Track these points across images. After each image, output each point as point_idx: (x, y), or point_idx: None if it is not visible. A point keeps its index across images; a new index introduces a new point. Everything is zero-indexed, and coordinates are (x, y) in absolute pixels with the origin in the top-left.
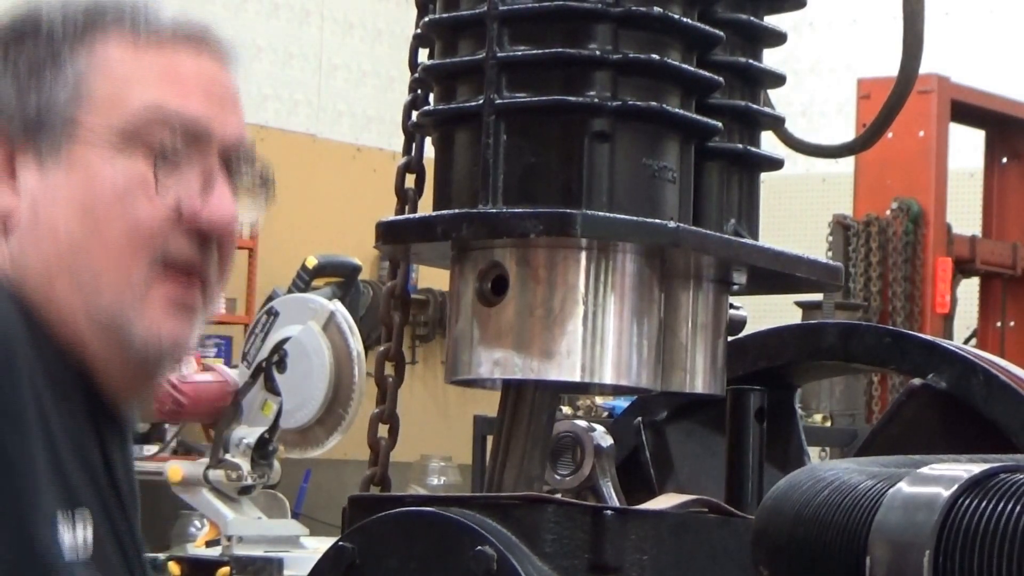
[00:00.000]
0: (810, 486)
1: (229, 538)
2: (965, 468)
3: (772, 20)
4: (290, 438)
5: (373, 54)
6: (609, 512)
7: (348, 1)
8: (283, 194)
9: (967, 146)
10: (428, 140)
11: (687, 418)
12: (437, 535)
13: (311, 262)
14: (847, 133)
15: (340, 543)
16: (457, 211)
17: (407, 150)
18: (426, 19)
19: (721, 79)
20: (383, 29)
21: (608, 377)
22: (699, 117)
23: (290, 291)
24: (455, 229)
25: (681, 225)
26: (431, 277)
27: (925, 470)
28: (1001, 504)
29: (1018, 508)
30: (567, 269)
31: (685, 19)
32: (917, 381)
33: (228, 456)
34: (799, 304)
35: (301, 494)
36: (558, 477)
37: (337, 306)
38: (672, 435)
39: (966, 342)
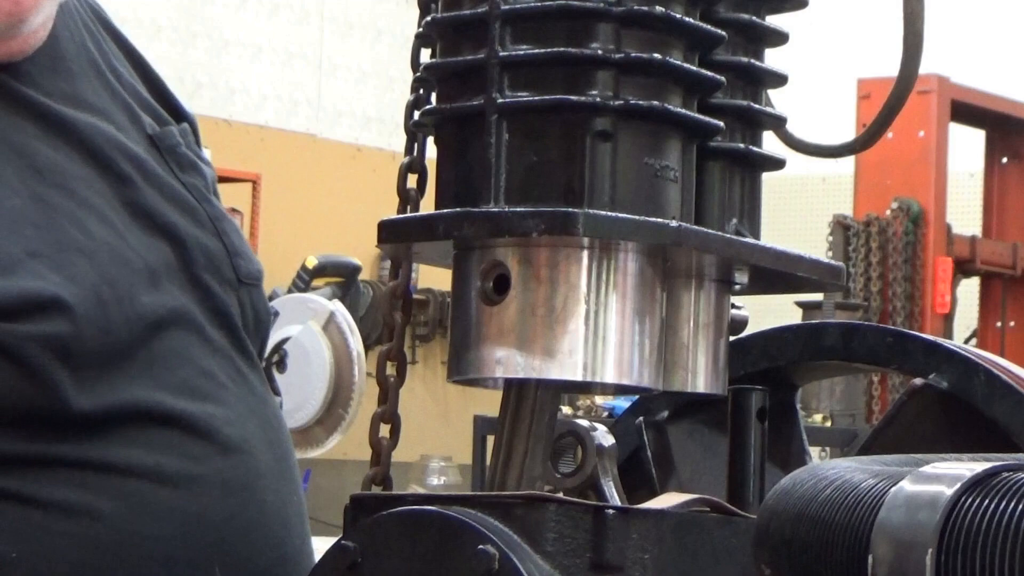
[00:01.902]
0: (812, 485)
1: None
2: (967, 467)
3: (773, 20)
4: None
5: (373, 54)
6: (611, 511)
7: (348, 1)
8: (283, 194)
9: (967, 146)
10: (430, 140)
11: (689, 418)
12: (439, 534)
13: (311, 262)
14: (847, 133)
15: (342, 542)
16: (459, 210)
17: (409, 150)
18: (428, 19)
19: (723, 79)
20: (383, 29)
21: (610, 376)
22: (701, 117)
23: (290, 291)
24: (457, 228)
25: (683, 224)
26: (432, 277)
27: (927, 469)
28: (1003, 503)
29: (1020, 507)
30: (569, 268)
31: (687, 19)
32: (919, 381)
33: None
34: (799, 304)
35: None
36: (560, 476)
37: (337, 306)
38: (674, 434)
39: (966, 342)
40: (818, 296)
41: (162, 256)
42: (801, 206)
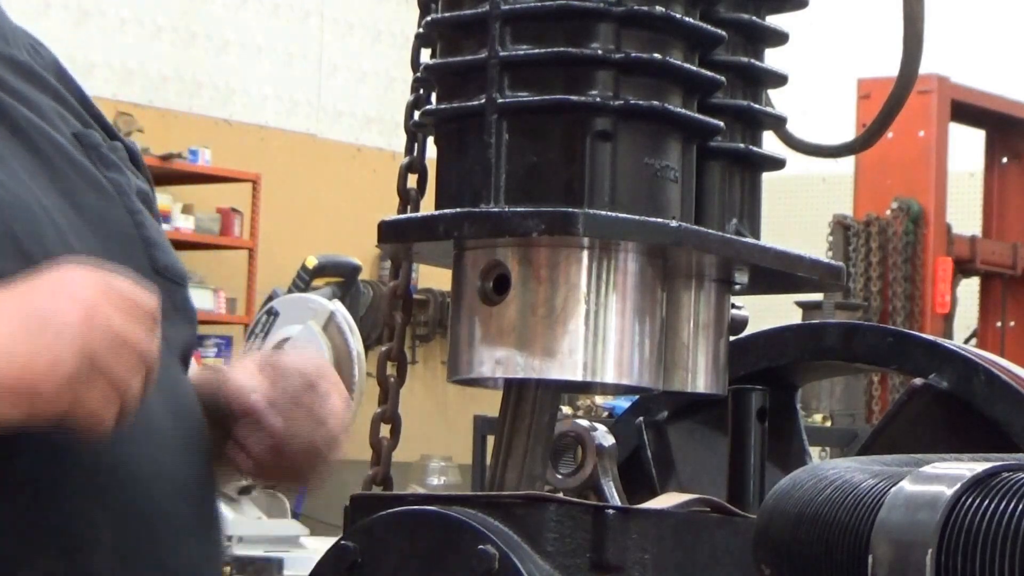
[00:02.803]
0: (812, 485)
1: (229, 538)
2: (967, 467)
3: (773, 20)
4: None
5: (373, 54)
6: (611, 511)
7: (348, 1)
8: (283, 194)
9: (967, 146)
10: (430, 140)
11: (689, 418)
12: (439, 534)
13: (311, 262)
14: (847, 133)
15: (342, 542)
16: (459, 210)
17: (409, 150)
18: (428, 18)
19: (723, 79)
20: (383, 29)
21: (610, 376)
22: (701, 116)
23: (290, 291)
24: (457, 228)
25: (683, 224)
26: (432, 277)
27: (927, 469)
28: (1003, 503)
29: (1020, 507)
30: (569, 268)
31: (687, 19)
32: (919, 381)
33: None
34: (799, 304)
35: (301, 494)
36: (560, 476)
37: (337, 306)
38: (674, 435)
39: (966, 342)
40: (818, 296)
41: (87, 238)
42: (801, 206)
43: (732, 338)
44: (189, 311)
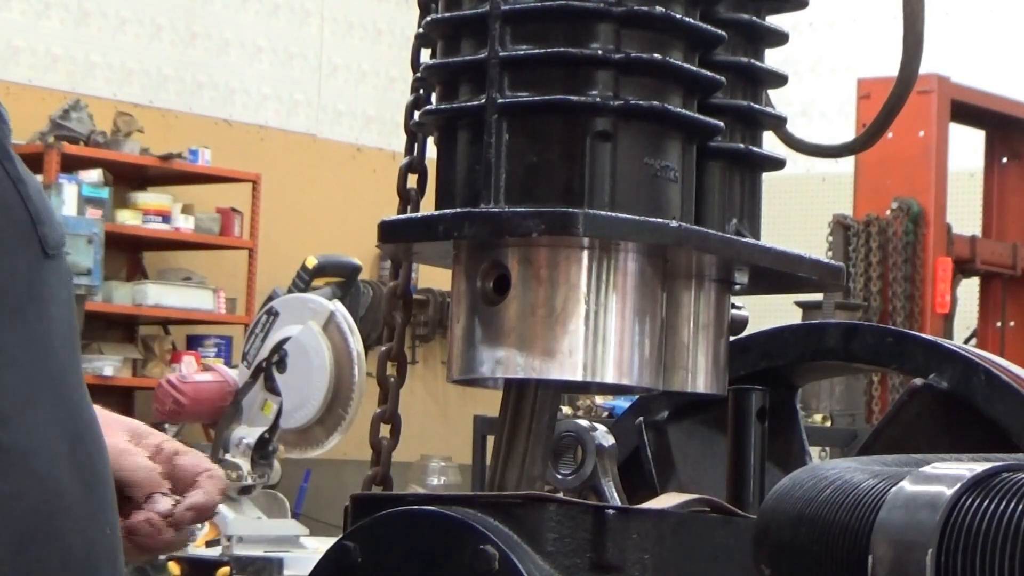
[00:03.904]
0: (812, 485)
1: (229, 538)
2: (967, 467)
3: (773, 20)
4: (290, 438)
5: (373, 54)
6: (611, 511)
7: (348, 1)
8: (283, 194)
9: (967, 146)
10: (430, 140)
11: (689, 418)
12: (439, 534)
13: (311, 262)
14: (847, 133)
15: (342, 542)
16: (459, 210)
17: (409, 150)
18: (428, 18)
19: (723, 79)
20: (383, 29)
21: (610, 376)
22: (701, 117)
23: (290, 291)
24: (457, 228)
25: (683, 224)
26: (432, 277)
27: (927, 469)
28: (1003, 503)
29: (1020, 507)
30: (569, 268)
31: (687, 19)
32: (919, 381)
33: (228, 456)
34: (799, 304)
35: (301, 494)
36: (560, 476)
37: (337, 306)
38: (674, 435)
39: (966, 342)
40: (818, 296)
41: None
42: (801, 206)
43: (732, 338)
44: (71, 287)
